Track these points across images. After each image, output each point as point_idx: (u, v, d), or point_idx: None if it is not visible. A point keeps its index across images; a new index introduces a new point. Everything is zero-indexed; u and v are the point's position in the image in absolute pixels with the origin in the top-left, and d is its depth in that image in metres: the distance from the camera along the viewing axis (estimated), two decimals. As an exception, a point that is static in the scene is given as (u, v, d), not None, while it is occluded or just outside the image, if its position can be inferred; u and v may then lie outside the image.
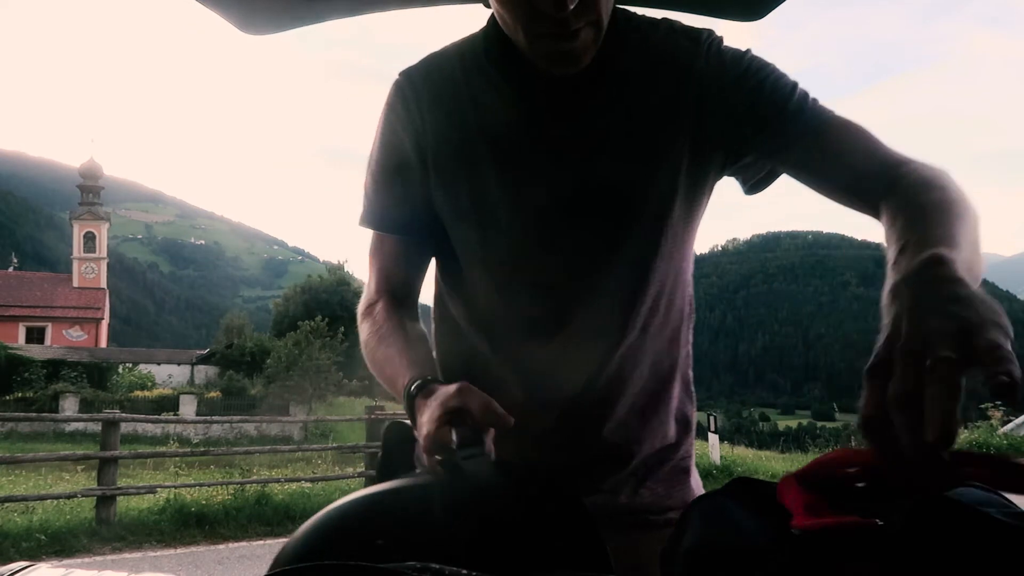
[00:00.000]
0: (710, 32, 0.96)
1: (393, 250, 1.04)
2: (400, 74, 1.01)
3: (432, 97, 0.97)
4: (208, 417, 21.21)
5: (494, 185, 0.95)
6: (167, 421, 14.66)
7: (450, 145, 0.96)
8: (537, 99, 0.93)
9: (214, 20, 1.30)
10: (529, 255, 0.96)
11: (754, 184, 1.01)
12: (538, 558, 0.66)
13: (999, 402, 0.62)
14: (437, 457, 0.74)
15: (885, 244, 0.74)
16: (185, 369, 37.57)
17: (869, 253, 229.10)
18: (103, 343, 46.11)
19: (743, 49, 0.94)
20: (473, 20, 1.07)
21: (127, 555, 6.48)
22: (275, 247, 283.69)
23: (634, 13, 0.99)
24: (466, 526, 0.67)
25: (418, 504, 0.69)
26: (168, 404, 28.19)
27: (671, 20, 0.98)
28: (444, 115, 0.97)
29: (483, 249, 0.98)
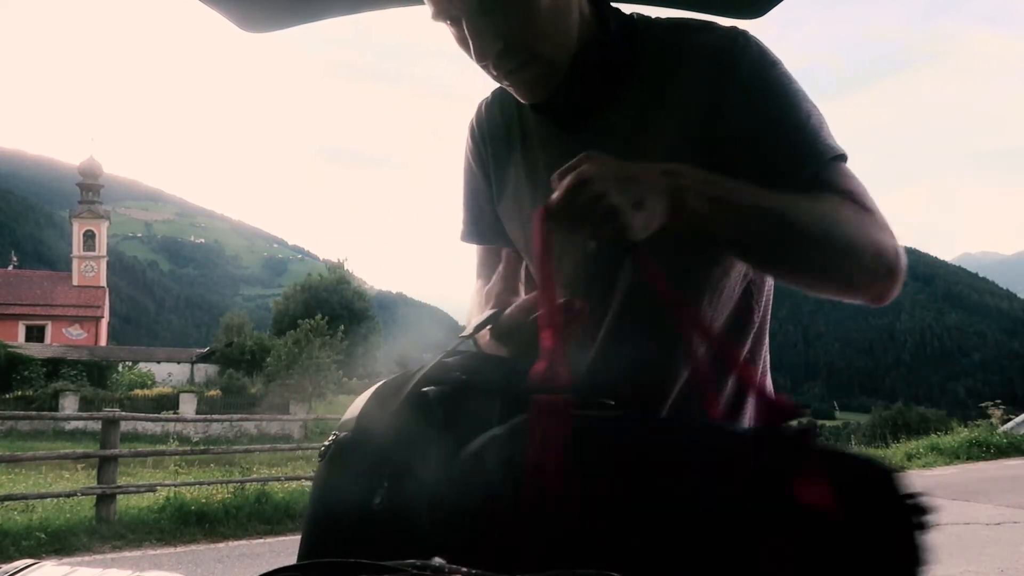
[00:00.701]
0: (738, 41, 0.91)
1: (485, 257, 1.18)
2: (478, 105, 1.13)
3: (491, 125, 1.09)
4: (208, 416, 21.18)
5: (526, 199, 1.03)
6: (167, 420, 14.68)
7: (502, 165, 1.08)
8: (550, 115, 0.99)
9: (214, 18, 1.30)
10: None
11: None
12: None
13: None
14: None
15: None
16: (185, 367, 37.60)
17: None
18: (103, 341, 46.11)
19: (776, 73, 0.90)
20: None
21: (127, 554, 6.49)
22: (275, 245, 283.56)
23: (655, 19, 0.98)
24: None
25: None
26: (168, 402, 28.21)
27: (698, 23, 0.95)
28: (499, 139, 1.08)
29: (527, 257, 1.08)
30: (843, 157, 0.89)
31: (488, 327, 0.92)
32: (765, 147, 0.88)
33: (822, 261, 0.85)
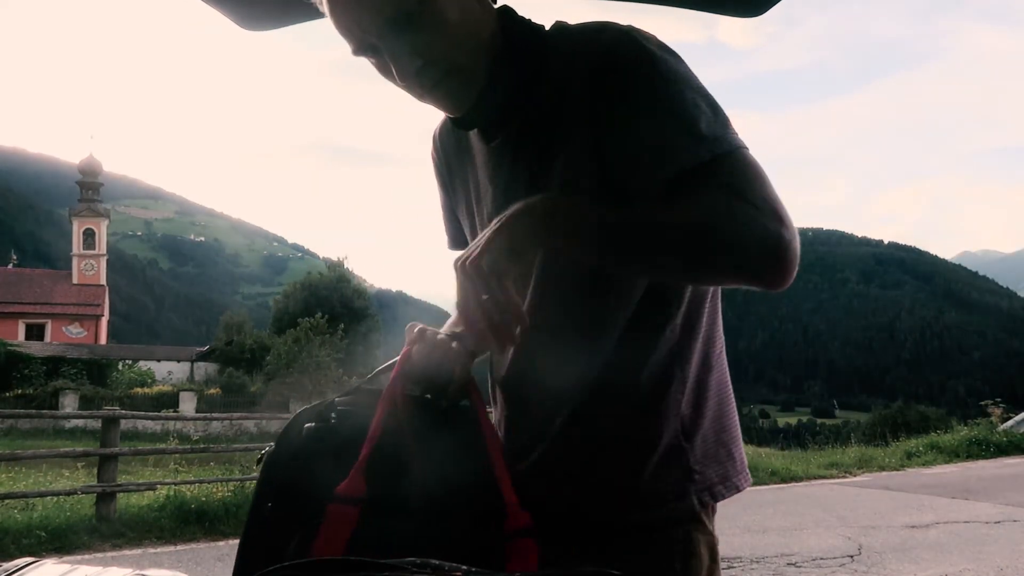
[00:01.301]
0: (622, 40, 0.92)
1: None
2: (438, 124, 1.18)
3: (444, 141, 1.16)
4: (208, 414, 21.21)
5: (473, 206, 1.11)
6: (167, 418, 14.67)
7: (456, 177, 1.15)
8: (476, 126, 1.05)
9: (214, 16, 1.30)
10: None
11: None
12: None
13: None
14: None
15: None
16: (185, 366, 37.60)
17: (869, 250, 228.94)
18: (103, 340, 46.11)
19: (661, 69, 0.90)
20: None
21: (127, 552, 6.49)
22: (275, 243, 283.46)
23: (566, 25, 1.00)
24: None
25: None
26: (168, 401, 28.22)
27: (598, 25, 0.96)
28: (452, 153, 1.14)
29: None
30: (730, 150, 0.87)
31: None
32: (645, 142, 0.89)
33: (700, 260, 0.86)
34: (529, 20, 1.02)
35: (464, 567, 0.58)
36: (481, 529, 0.89)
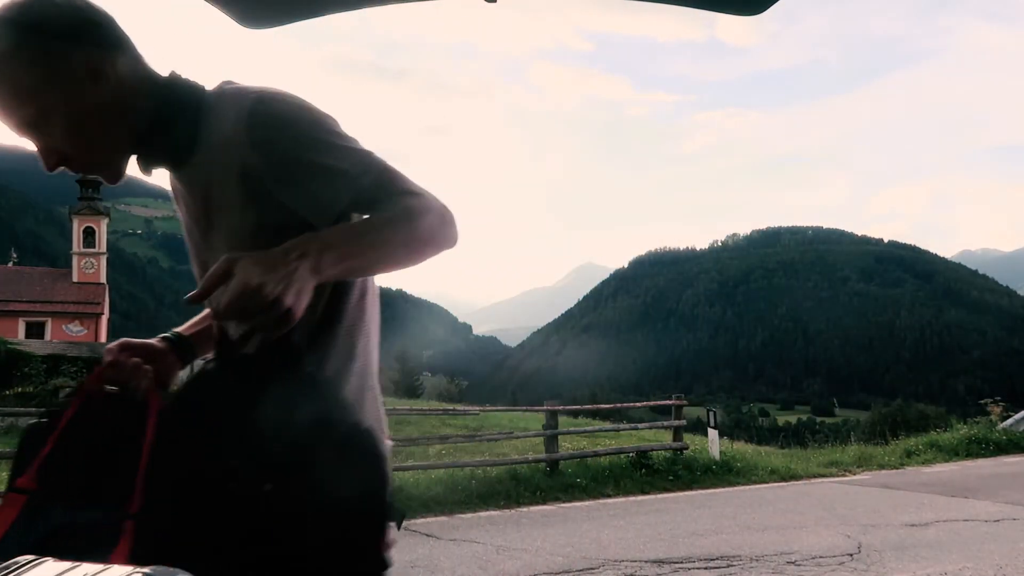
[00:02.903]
0: (246, 105, 1.04)
1: None
2: None
3: None
4: (208, 412, 21.03)
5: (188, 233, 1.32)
6: (167, 416, 14.56)
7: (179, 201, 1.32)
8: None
9: (214, 14, 1.30)
10: None
11: None
12: None
13: None
14: None
15: None
16: (185, 364, 37.59)
17: (869, 249, 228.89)
18: (103, 338, 46.08)
19: (296, 119, 1.05)
20: (472, 14, 1.06)
21: (127, 550, 6.49)
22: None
23: (230, 89, 1.11)
24: None
25: None
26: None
27: (240, 90, 1.09)
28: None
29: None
30: (375, 169, 1.06)
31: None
32: (309, 187, 1.04)
33: (404, 250, 1.04)
34: (190, 84, 1.12)
35: None
36: (110, 512, 0.97)
